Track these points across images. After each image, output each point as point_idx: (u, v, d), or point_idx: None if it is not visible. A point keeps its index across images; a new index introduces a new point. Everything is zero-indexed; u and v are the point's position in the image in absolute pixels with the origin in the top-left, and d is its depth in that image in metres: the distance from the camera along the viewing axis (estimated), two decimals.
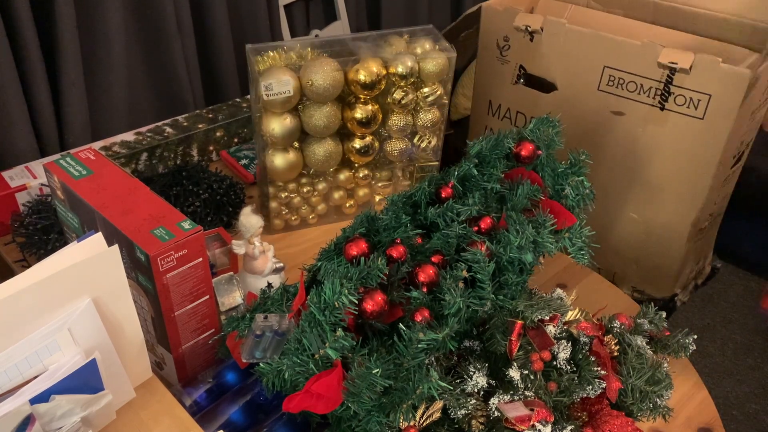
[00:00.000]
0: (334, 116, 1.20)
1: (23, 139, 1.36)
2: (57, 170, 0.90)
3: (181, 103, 1.61)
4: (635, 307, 1.17)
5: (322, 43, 1.22)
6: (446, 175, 1.03)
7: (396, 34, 1.26)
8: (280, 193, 1.29)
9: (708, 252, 1.87)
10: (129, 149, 1.37)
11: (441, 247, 0.91)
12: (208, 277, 0.88)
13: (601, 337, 0.86)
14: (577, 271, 1.26)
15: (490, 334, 0.84)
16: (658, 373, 0.85)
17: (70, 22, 1.33)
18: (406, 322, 0.81)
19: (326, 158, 1.24)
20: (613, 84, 1.43)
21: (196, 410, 0.88)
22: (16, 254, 1.20)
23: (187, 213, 1.21)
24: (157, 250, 0.79)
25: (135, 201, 0.86)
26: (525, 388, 0.79)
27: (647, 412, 0.85)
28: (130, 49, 1.50)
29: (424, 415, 0.76)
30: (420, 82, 1.24)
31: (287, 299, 0.91)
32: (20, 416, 0.66)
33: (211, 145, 1.51)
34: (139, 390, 0.81)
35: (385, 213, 0.95)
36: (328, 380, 0.76)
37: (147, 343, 0.85)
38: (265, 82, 1.12)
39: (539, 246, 0.90)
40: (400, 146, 1.29)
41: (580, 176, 1.05)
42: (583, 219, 1.00)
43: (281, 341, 0.83)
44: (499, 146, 1.04)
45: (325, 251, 0.94)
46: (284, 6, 1.80)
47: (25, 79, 1.33)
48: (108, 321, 0.73)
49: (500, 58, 1.60)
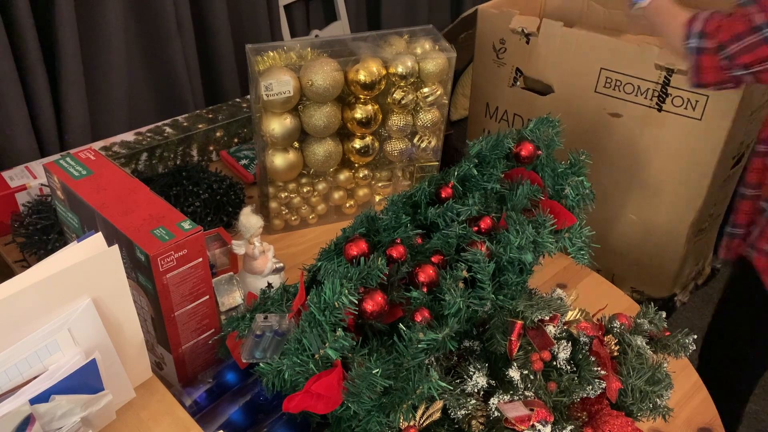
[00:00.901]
0: (334, 116, 1.20)
1: (23, 139, 1.36)
2: (57, 170, 0.90)
3: (181, 103, 1.61)
4: (635, 307, 1.17)
5: (322, 43, 1.22)
6: (446, 175, 1.03)
7: (396, 34, 1.26)
8: (280, 193, 1.29)
9: (708, 253, 1.87)
10: (129, 149, 1.37)
11: (441, 247, 0.91)
12: (208, 277, 0.88)
13: (601, 337, 0.86)
14: (577, 271, 1.26)
15: (490, 334, 0.84)
16: (658, 373, 0.85)
17: (70, 22, 1.33)
18: (406, 322, 0.81)
19: (326, 158, 1.24)
20: (610, 86, 1.43)
21: (196, 410, 0.88)
22: (16, 254, 1.20)
23: (187, 213, 1.21)
24: (157, 250, 0.79)
25: (135, 201, 0.86)
26: (525, 388, 0.79)
27: (647, 412, 0.85)
28: (130, 49, 1.50)
29: (424, 415, 0.76)
30: (420, 82, 1.24)
31: (287, 299, 0.91)
32: (20, 416, 0.66)
33: (211, 145, 1.51)
34: (139, 390, 0.81)
35: (385, 213, 0.95)
36: (328, 380, 0.76)
37: (147, 343, 0.85)
38: (265, 82, 1.12)
39: (539, 246, 0.90)
40: (400, 146, 1.29)
41: (580, 176, 1.05)
42: (583, 219, 1.00)
43: (281, 341, 0.83)
44: (499, 146, 1.04)
45: (325, 251, 0.94)
46: (284, 6, 1.80)
47: (25, 79, 1.33)
48: (108, 321, 0.73)
49: (497, 60, 1.60)
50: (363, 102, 1.21)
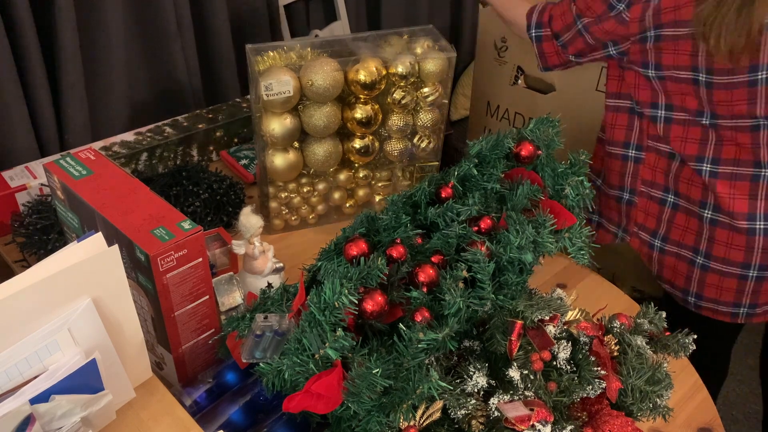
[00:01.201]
0: (334, 116, 1.20)
1: (23, 139, 1.36)
2: (57, 170, 0.90)
3: (181, 103, 1.61)
4: (635, 307, 1.17)
5: (322, 43, 1.22)
6: (446, 175, 1.03)
7: (396, 34, 1.26)
8: (280, 193, 1.29)
9: None
10: (129, 149, 1.37)
11: (441, 247, 0.91)
12: (208, 277, 0.88)
13: (601, 337, 0.86)
14: (577, 271, 1.26)
15: (490, 334, 0.84)
16: (658, 373, 0.85)
17: (70, 22, 1.33)
18: (406, 322, 0.81)
19: (326, 158, 1.24)
20: None
21: (196, 410, 0.88)
22: (16, 254, 1.20)
23: (187, 213, 1.21)
24: (157, 250, 0.79)
25: (135, 201, 0.86)
26: (525, 388, 0.79)
27: (647, 412, 0.85)
28: (130, 49, 1.50)
29: (424, 415, 0.76)
30: (420, 82, 1.24)
31: (287, 299, 0.91)
32: (20, 416, 0.66)
33: (211, 145, 1.51)
34: (139, 390, 0.81)
35: (385, 213, 0.95)
36: (328, 380, 0.76)
37: (147, 343, 0.85)
38: (265, 82, 1.12)
39: (539, 246, 0.90)
40: (400, 146, 1.29)
41: (580, 176, 1.05)
42: (582, 219, 1.00)
43: (281, 341, 0.83)
44: (499, 146, 1.04)
45: (325, 251, 0.94)
46: (284, 6, 1.80)
47: (25, 79, 1.33)
48: (108, 321, 0.73)
49: (498, 59, 1.60)
50: (363, 102, 1.21)
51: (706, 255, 1.16)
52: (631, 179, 1.23)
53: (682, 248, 1.20)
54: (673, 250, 1.22)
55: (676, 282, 1.24)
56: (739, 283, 1.15)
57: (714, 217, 1.13)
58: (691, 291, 1.22)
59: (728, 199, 1.10)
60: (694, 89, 1.05)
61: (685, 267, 1.21)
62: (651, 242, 1.24)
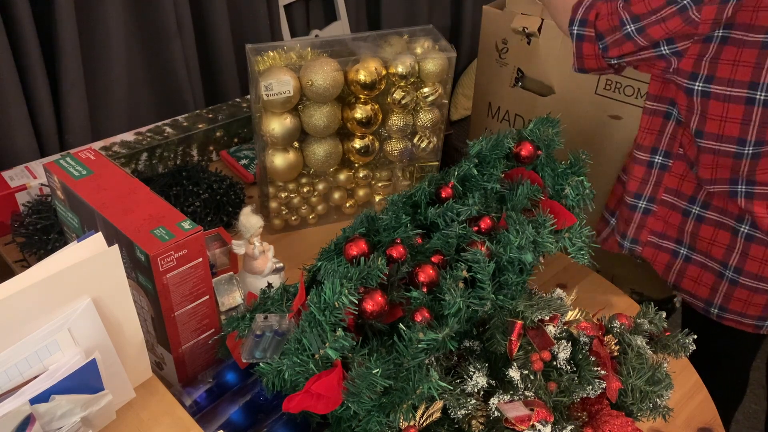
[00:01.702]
0: (334, 116, 1.20)
1: (23, 139, 1.36)
2: (57, 170, 0.90)
3: (181, 103, 1.61)
4: (635, 307, 1.17)
5: (322, 43, 1.22)
6: (446, 175, 1.03)
7: (396, 34, 1.26)
8: (280, 193, 1.29)
9: None
10: (129, 149, 1.37)
11: (441, 247, 0.91)
12: (208, 277, 0.88)
13: (601, 337, 0.86)
14: (577, 271, 1.26)
15: (490, 334, 0.84)
16: (658, 373, 0.85)
17: (70, 22, 1.33)
18: (406, 322, 0.81)
19: (326, 158, 1.24)
20: (610, 88, 1.43)
21: (196, 410, 0.88)
22: (16, 254, 1.20)
23: (187, 213, 1.21)
24: (157, 250, 0.79)
25: (135, 201, 0.86)
26: (525, 388, 0.79)
27: (647, 412, 0.85)
28: (130, 49, 1.50)
29: (424, 415, 0.76)
30: (420, 82, 1.24)
31: (287, 299, 0.91)
32: (20, 416, 0.66)
33: (211, 145, 1.51)
34: (139, 390, 0.81)
35: (385, 213, 0.95)
36: (328, 380, 0.76)
37: (147, 343, 0.85)
38: (265, 82, 1.12)
39: (539, 246, 0.90)
40: (400, 146, 1.29)
41: (580, 176, 1.05)
42: (583, 219, 1.00)
43: (281, 341, 0.83)
44: (499, 146, 1.04)
45: (325, 251, 0.94)
46: (284, 6, 1.80)
47: (25, 80, 1.33)
48: (108, 321, 0.73)
49: (499, 60, 1.60)
50: (363, 102, 1.21)
51: (736, 270, 1.10)
52: (652, 187, 1.15)
53: (709, 260, 1.14)
54: (699, 260, 1.15)
55: (698, 293, 1.17)
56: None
57: (751, 233, 1.06)
58: (714, 303, 1.15)
59: (766, 219, 1.03)
60: (745, 110, 0.95)
61: (711, 279, 1.14)
62: (674, 252, 1.17)
